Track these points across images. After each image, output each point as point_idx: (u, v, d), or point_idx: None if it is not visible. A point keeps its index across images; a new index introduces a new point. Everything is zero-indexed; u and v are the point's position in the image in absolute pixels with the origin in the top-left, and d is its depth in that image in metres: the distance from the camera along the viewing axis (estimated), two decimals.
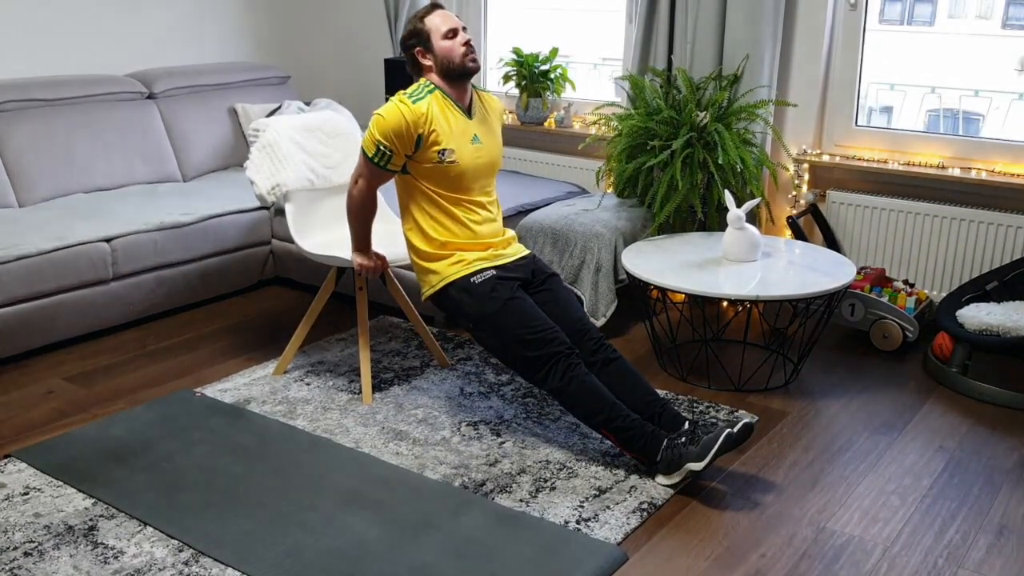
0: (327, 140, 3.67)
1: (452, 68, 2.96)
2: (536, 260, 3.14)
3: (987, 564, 2.46)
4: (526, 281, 3.04)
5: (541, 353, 2.84)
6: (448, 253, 2.98)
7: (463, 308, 2.95)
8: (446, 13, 3.01)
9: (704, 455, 2.68)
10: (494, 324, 2.90)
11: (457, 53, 2.95)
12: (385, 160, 2.92)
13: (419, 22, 2.98)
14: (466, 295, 2.94)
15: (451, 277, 2.95)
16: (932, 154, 3.97)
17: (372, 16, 5.44)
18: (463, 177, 2.96)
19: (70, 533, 2.53)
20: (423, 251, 3.00)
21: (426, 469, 2.87)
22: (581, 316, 3.03)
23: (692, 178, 3.85)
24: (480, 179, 3.02)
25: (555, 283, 3.09)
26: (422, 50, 2.98)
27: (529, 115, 4.85)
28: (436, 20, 2.98)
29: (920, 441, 3.10)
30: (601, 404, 2.80)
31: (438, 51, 2.95)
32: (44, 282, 3.60)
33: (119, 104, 4.55)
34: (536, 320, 2.88)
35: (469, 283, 2.93)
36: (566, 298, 3.07)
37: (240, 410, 3.23)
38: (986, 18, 4.51)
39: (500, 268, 2.98)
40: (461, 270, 2.95)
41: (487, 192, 3.07)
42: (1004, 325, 3.37)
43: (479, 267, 2.95)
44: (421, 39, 2.97)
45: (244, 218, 4.27)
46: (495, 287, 2.92)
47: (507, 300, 2.90)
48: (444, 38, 2.95)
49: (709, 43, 4.13)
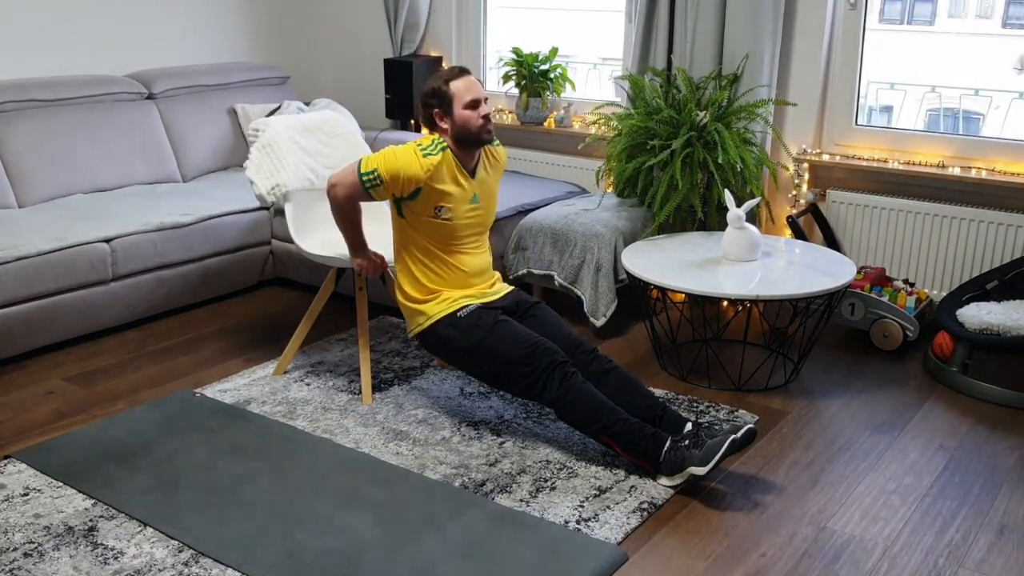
0: (327, 140, 3.67)
1: (467, 137, 2.98)
2: (520, 293, 3.19)
3: (988, 563, 2.45)
4: (510, 311, 3.09)
5: (534, 366, 2.87)
6: (434, 295, 3.04)
7: (452, 343, 3.00)
8: (472, 81, 2.99)
9: (708, 460, 2.68)
10: (484, 351, 2.95)
11: (475, 125, 2.96)
12: (372, 186, 2.94)
13: (444, 84, 2.97)
14: (453, 329, 2.99)
15: (437, 316, 3.01)
16: (932, 153, 3.97)
17: (372, 16, 5.44)
18: (455, 232, 3.02)
19: (70, 534, 2.52)
20: (412, 295, 3.06)
21: (426, 469, 2.86)
22: (570, 333, 3.08)
23: (692, 178, 3.85)
24: (471, 236, 3.08)
25: (540, 309, 3.15)
26: (440, 113, 2.98)
27: (529, 115, 4.85)
28: (461, 87, 2.96)
29: (920, 440, 3.10)
30: (599, 410, 2.81)
31: (457, 118, 2.95)
32: (44, 283, 3.60)
33: (119, 104, 4.54)
34: (525, 337, 2.93)
35: (455, 318, 2.99)
36: (554, 319, 3.12)
37: (240, 411, 3.23)
38: (986, 17, 4.51)
39: (483, 304, 3.04)
40: (446, 308, 3.01)
41: (477, 245, 3.13)
42: (1004, 324, 3.37)
43: (463, 304, 3.02)
44: (443, 103, 2.97)
45: (244, 218, 4.27)
46: (480, 316, 2.98)
47: (493, 326, 2.96)
48: (465, 107, 2.95)
49: (709, 42, 4.13)
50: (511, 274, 4.08)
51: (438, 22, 5.19)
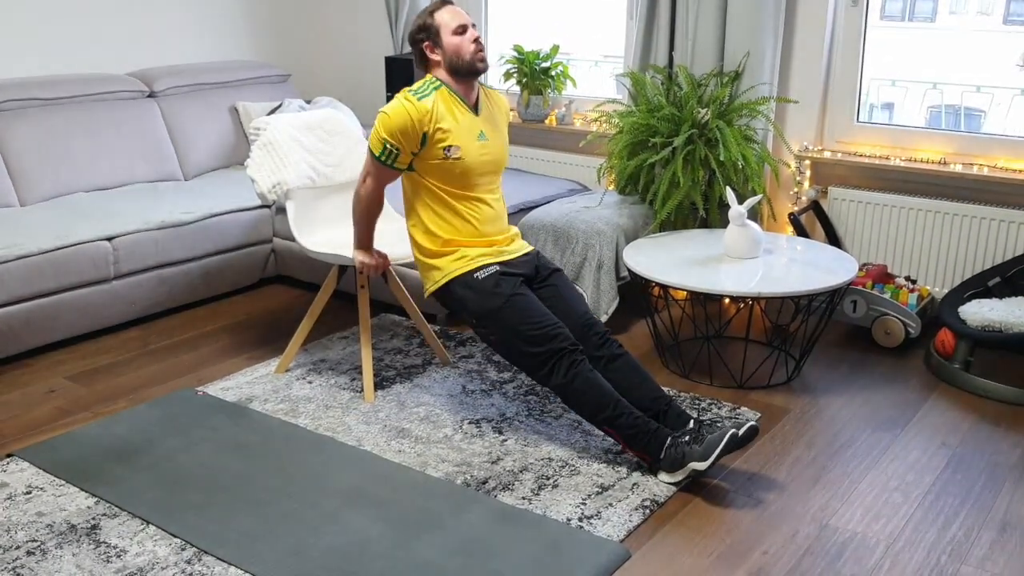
0: (328, 138, 3.67)
1: (460, 65, 2.95)
2: (540, 256, 3.13)
3: (990, 560, 2.45)
4: (529, 277, 3.03)
5: (545, 349, 2.84)
6: (451, 250, 2.97)
7: (466, 304, 2.95)
8: (456, 9, 2.99)
9: (708, 455, 2.67)
10: (497, 320, 2.90)
11: (466, 50, 2.94)
12: (392, 158, 2.92)
13: (428, 17, 2.97)
14: (469, 291, 2.93)
15: (454, 273, 2.95)
16: (934, 150, 3.97)
17: (373, 14, 5.44)
18: (468, 173, 2.96)
19: (72, 532, 2.53)
20: (427, 248, 3.00)
21: (428, 467, 2.87)
22: (586, 311, 3.03)
23: (693, 175, 3.85)
24: (485, 176, 3.02)
25: (559, 279, 3.09)
26: (431, 45, 2.96)
27: (530, 112, 4.85)
28: (446, 16, 2.96)
29: (923, 438, 3.10)
30: (605, 401, 2.79)
31: (447, 47, 2.94)
32: (45, 281, 3.60)
33: (120, 103, 4.55)
34: (540, 316, 2.88)
35: (472, 279, 2.93)
36: (570, 294, 3.07)
37: (242, 408, 3.23)
38: (987, 14, 4.50)
39: (503, 264, 2.98)
40: (464, 266, 2.95)
41: (492, 189, 3.07)
42: (1006, 321, 3.36)
43: (482, 263, 2.95)
44: (430, 34, 2.96)
45: (245, 216, 4.28)
46: (498, 283, 2.92)
47: (510, 296, 2.90)
48: (454, 34, 2.94)
49: (710, 40, 4.12)
50: None
51: None
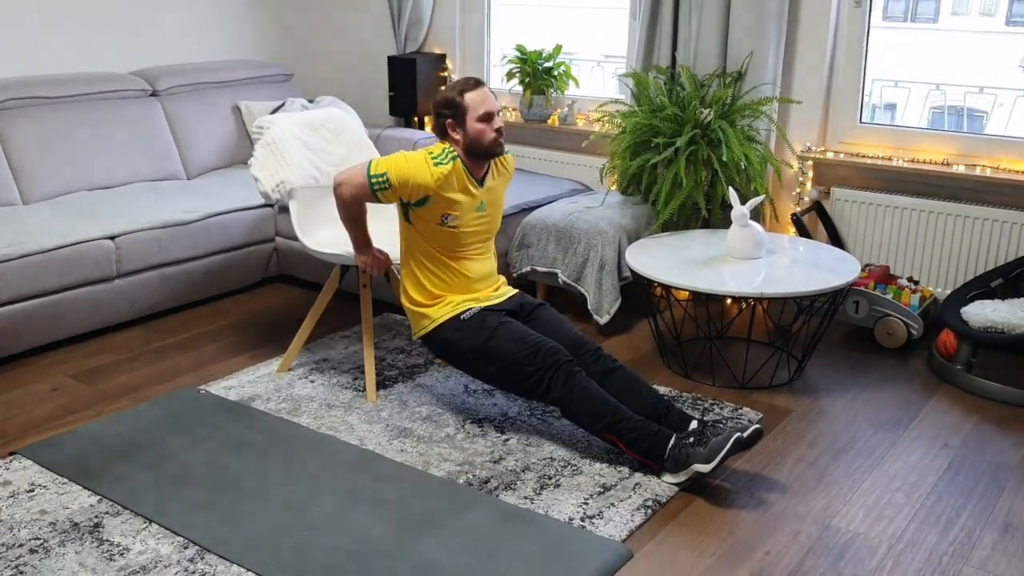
0: (331, 137, 3.67)
1: (478, 151, 2.98)
2: (524, 296, 3.20)
3: (992, 561, 2.45)
4: (513, 312, 3.10)
5: (539, 365, 2.87)
6: (439, 299, 3.06)
7: (456, 345, 3.02)
8: (486, 94, 2.98)
9: (712, 457, 2.68)
10: (489, 351, 2.96)
11: (488, 139, 2.96)
12: (380, 189, 2.95)
13: (459, 95, 2.96)
14: (456, 333, 3.01)
15: (441, 319, 3.03)
16: (936, 151, 3.96)
17: (375, 14, 5.44)
18: (461, 239, 3.04)
19: (75, 530, 2.53)
20: (416, 299, 3.08)
21: (430, 466, 2.87)
22: (575, 332, 3.08)
23: (696, 175, 3.85)
24: (476, 242, 3.09)
25: (544, 310, 3.15)
26: (453, 124, 2.98)
27: (532, 112, 4.85)
28: (475, 100, 2.95)
29: (925, 438, 3.10)
30: (604, 409, 2.81)
31: (470, 131, 2.95)
32: (48, 279, 3.60)
33: (123, 102, 4.55)
34: (528, 336, 2.94)
35: (458, 321, 3.01)
36: (557, 320, 3.13)
37: (244, 407, 3.23)
38: (990, 15, 4.50)
39: (486, 307, 3.06)
40: (450, 311, 3.03)
41: (482, 252, 3.14)
42: (1009, 322, 3.36)
43: (466, 307, 3.03)
44: (456, 114, 2.96)
45: (248, 215, 4.28)
46: (484, 318, 3.00)
47: (497, 327, 2.97)
48: (479, 120, 2.95)
49: (713, 40, 4.12)
50: (515, 271, 4.08)
51: (442, 19, 5.18)
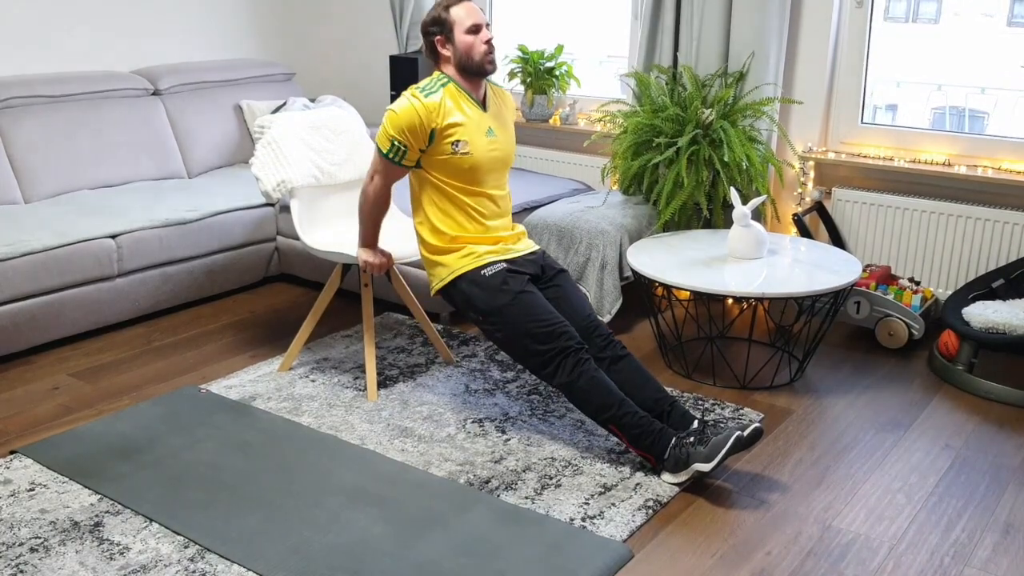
0: (332, 137, 3.67)
1: (470, 65, 2.95)
2: (546, 256, 3.14)
3: (993, 563, 2.45)
4: (535, 276, 3.04)
5: (550, 348, 2.84)
6: (458, 247, 2.98)
7: (473, 301, 2.95)
8: (472, 7, 2.97)
9: (712, 456, 2.67)
10: (504, 317, 2.90)
11: (478, 51, 2.93)
12: (399, 156, 2.92)
13: (444, 11, 2.95)
14: (476, 288, 2.93)
15: (461, 270, 2.95)
16: (938, 151, 3.96)
17: (377, 13, 5.44)
18: (476, 169, 2.96)
19: (76, 529, 2.53)
20: (433, 245, 3.00)
21: (431, 466, 2.87)
22: (590, 313, 3.03)
23: (697, 175, 3.85)
24: (493, 172, 3.02)
25: (564, 279, 3.09)
26: (442, 39, 2.96)
27: (534, 112, 4.85)
28: (461, 12, 2.94)
29: (926, 439, 3.09)
30: (610, 400, 2.79)
31: (459, 44, 2.93)
32: (49, 278, 3.60)
33: (124, 101, 4.55)
34: (546, 314, 2.88)
35: (480, 276, 2.93)
36: (575, 294, 3.07)
37: (245, 407, 3.23)
38: (991, 15, 4.49)
39: (510, 262, 2.99)
40: (471, 263, 2.95)
41: (499, 185, 3.07)
42: (1010, 323, 3.36)
43: (489, 260, 2.96)
44: (443, 29, 2.95)
45: (249, 215, 4.28)
46: (506, 280, 2.92)
47: (518, 294, 2.90)
48: (467, 32, 2.93)
49: (715, 40, 4.12)
50: None
51: None
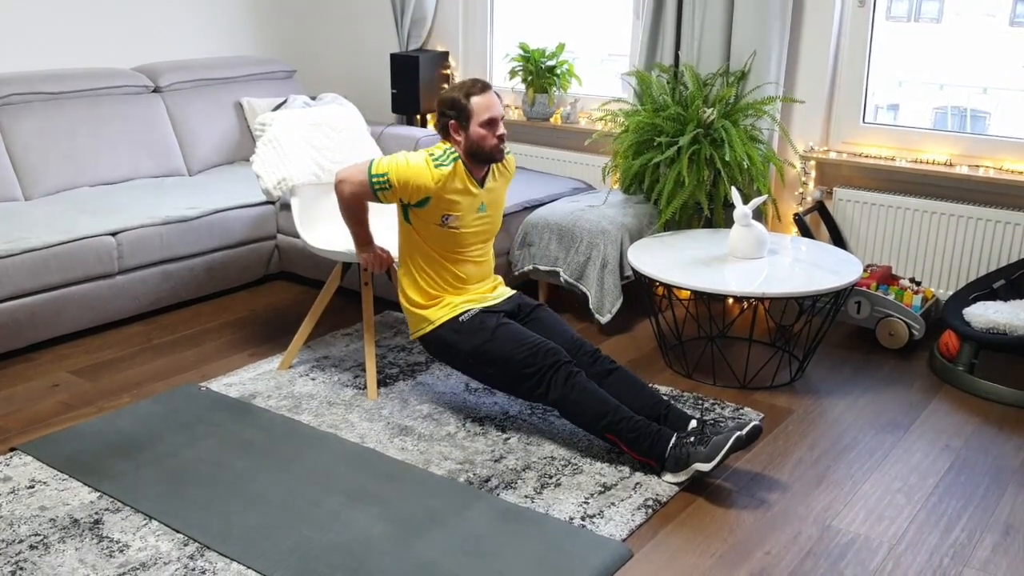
0: (333, 135, 3.66)
1: (480, 154, 2.98)
2: (522, 297, 3.20)
3: (993, 563, 2.45)
4: (512, 313, 3.10)
5: (538, 366, 2.88)
6: (437, 300, 3.06)
7: (456, 347, 3.02)
8: (492, 99, 2.97)
9: (713, 456, 2.68)
10: (488, 353, 2.96)
11: (489, 144, 2.96)
12: (380, 189, 2.95)
13: (464, 98, 2.94)
14: (455, 334, 3.01)
15: (439, 321, 3.04)
16: (939, 151, 3.96)
17: (378, 11, 5.43)
18: (461, 240, 3.04)
19: (75, 526, 2.53)
20: (412, 299, 3.09)
21: (431, 465, 2.87)
22: (573, 334, 3.09)
23: (699, 175, 3.84)
24: (477, 243, 3.09)
25: (542, 312, 3.16)
26: (456, 125, 2.97)
27: (535, 111, 4.84)
28: (481, 105, 2.94)
29: (926, 440, 3.09)
30: (604, 408, 2.81)
31: (472, 134, 2.95)
32: (50, 275, 3.60)
33: (125, 98, 4.55)
34: (527, 338, 2.94)
35: (457, 323, 3.02)
36: (555, 321, 3.13)
37: (245, 405, 3.23)
38: (993, 15, 4.49)
39: (485, 308, 3.06)
40: (448, 313, 3.03)
41: (483, 253, 3.14)
42: (1011, 323, 3.36)
43: (464, 308, 3.04)
44: (460, 116, 2.95)
45: (250, 212, 4.27)
46: (482, 320, 3.01)
47: (495, 328, 2.98)
48: (482, 126, 2.94)
49: (716, 39, 4.12)
50: (516, 270, 4.08)
51: (445, 17, 5.18)
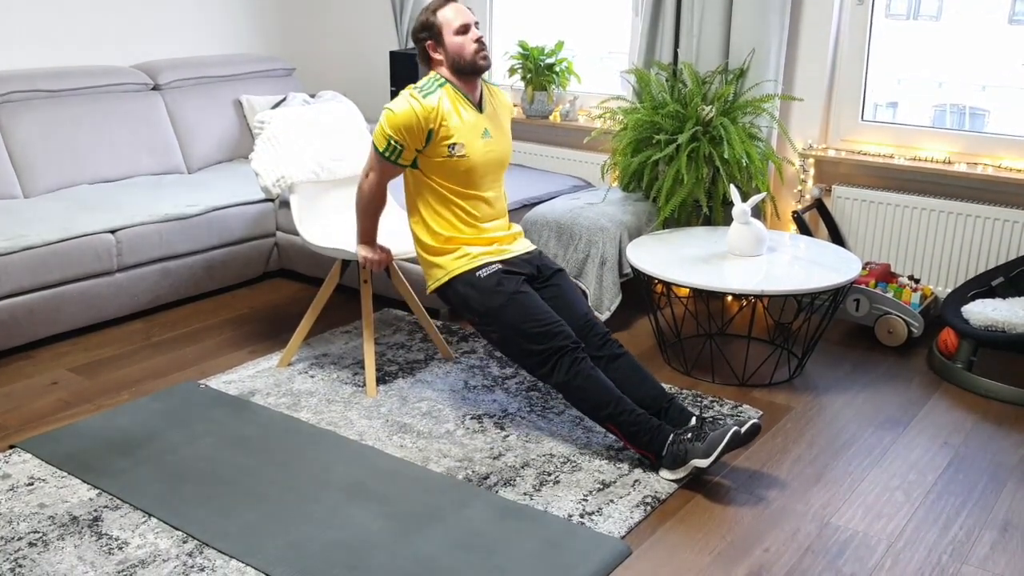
0: (332, 133, 3.67)
1: (463, 65, 2.95)
2: (542, 256, 3.14)
3: (991, 560, 2.45)
4: (531, 276, 3.04)
5: (546, 347, 2.84)
6: (453, 248, 2.98)
7: (469, 302, 2.95)
8: (459, 7, 2.98)
9: (710, 452, 2.68)
10: (499, 318, 2.90)
11: (468, 50, 2.93)
12: (395, 154, 2.92)
13: (431, 15, 2.96)
14: (471, 289, 2.94)
15: (456, 272, 2.96)
16: (938, 149, 3.96)
17: (377, 9, 5.43)
18: (473, 172, 2.96)
19: (74, 524, 2.53)
20: (428, 245, 3.01)
21: (430, 462, 2.87)
22: (587, 312, 3.03)
23: (697, 172, 3.84)
24: (489, 174, 3.02)
25: (561, 278, 3.09)
26: (433, 44, 2.96)
27: (534, 108, 4.84)
28: (449, 14, 2.95)
29: (925, 437, 3.10)
30: (607, 398, 2.80)
31: (449, 47, 2.94)
32: (49, 273, 3.60)
33: (124, 95, 4.55)
34: (541, 314, 2.88)
35: (474, 277, 2.94)
36: (572, 293, 3.07)
37: (244, 402, 3.23)
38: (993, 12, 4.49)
39: (505, 263, 2.99)
40: (466, 264, 2.96)
41: (494, 188, 3.07)
42: (1009, 321, 3.36)
43: (484, 261, 2.96)
44: (432, 33, 2.95)
45: (249, 210, 4.28)
46: (500, 281, 2.93)
47: (512, 294, 2.90)
48: (456, 34, 2.93)
49: (715, 37, 4.12)
50: None
51: None
